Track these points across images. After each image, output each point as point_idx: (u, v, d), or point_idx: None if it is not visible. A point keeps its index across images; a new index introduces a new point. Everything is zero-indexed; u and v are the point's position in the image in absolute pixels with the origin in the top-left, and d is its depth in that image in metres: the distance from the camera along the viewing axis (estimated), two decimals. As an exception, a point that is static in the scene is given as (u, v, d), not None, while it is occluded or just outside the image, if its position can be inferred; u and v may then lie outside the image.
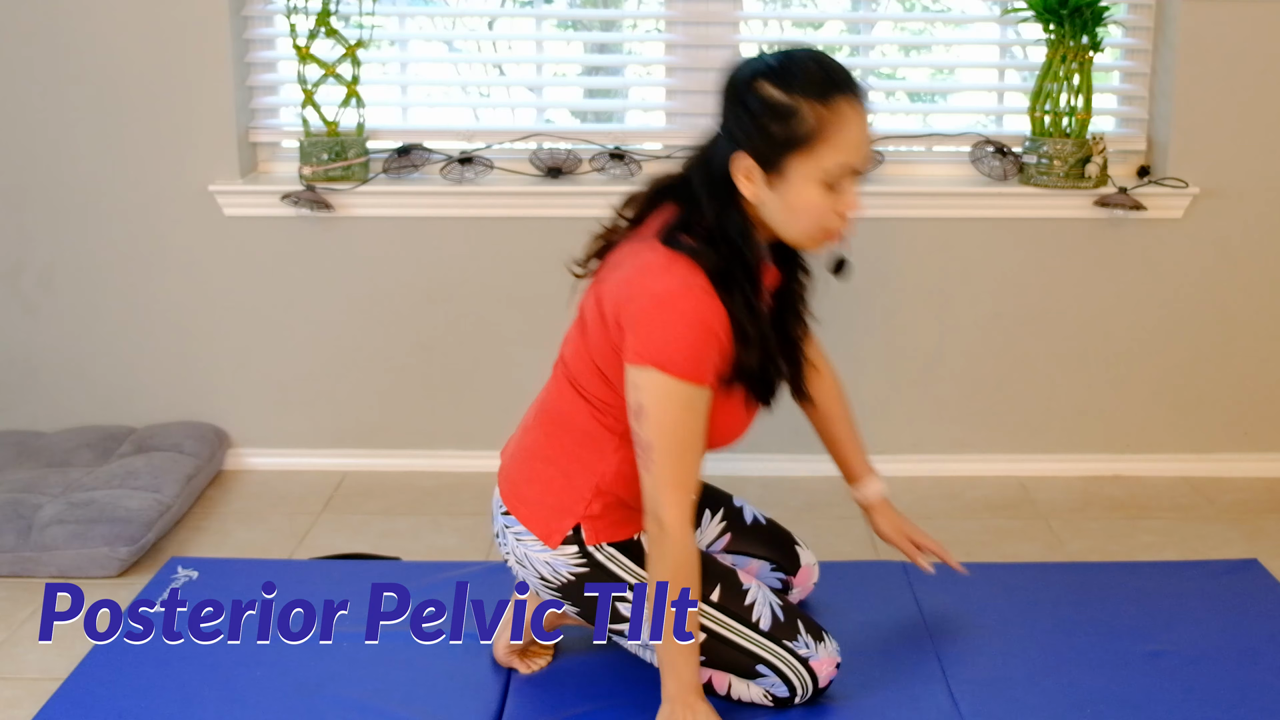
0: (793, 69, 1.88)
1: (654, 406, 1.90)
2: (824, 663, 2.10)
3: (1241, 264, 3.27)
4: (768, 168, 1.90)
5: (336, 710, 2.14)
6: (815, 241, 1.98)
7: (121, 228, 3.29)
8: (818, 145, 1.87)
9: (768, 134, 1.88)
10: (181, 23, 3.17)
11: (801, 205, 1.91)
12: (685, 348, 1.89)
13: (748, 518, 2.36)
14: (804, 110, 1.86)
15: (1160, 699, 2.14)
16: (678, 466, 1.93)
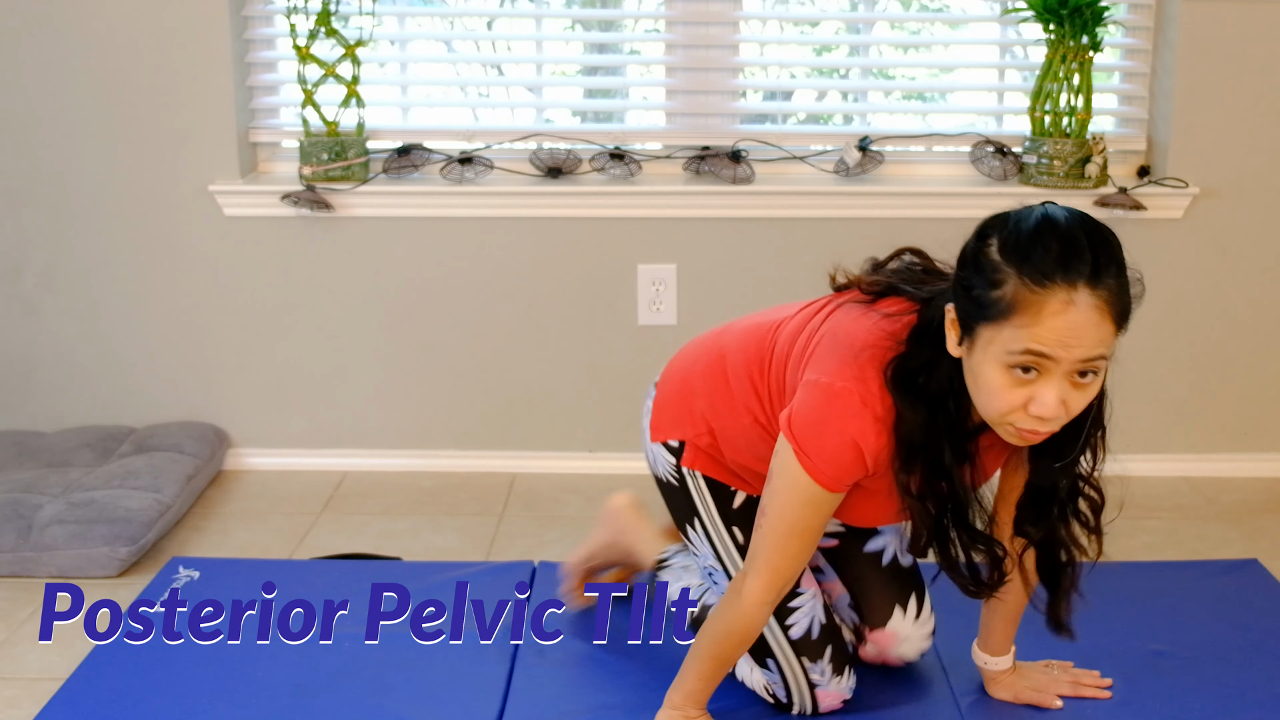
0: (1026, 234, 1.69)
1: (781, 484, 1.86)
2: (829, 695, 2.08)
3: (1241, 264, 3.27)
4: (964, 329, 1.74)
5: (336, 710, 2.14)
6: (1009, 435, 1.76)
7: (121, 228, 3.29)
8: (1007, 321, 1.66)
9: (971, 293, 1.72)
10: (181, 23, 3.17)
11: (983, 384, 1.71)
12: (829, 456, 1.81)
13: (870, 545, 2.20)
14: (1009, 280, 1.67)
15: (1160, 699, 2.14)
16: (778, 548, 1.88)
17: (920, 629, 2.20)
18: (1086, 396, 1.73)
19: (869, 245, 3.27)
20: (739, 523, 2.09)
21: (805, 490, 1.84)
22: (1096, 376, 1.74)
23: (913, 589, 2.21)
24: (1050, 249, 1.67)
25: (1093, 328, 1.68)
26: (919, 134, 3.41)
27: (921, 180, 3.33)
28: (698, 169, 3.27)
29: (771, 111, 3.51)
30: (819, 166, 3.32)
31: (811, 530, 1.89)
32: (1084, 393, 1.72)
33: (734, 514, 2.09)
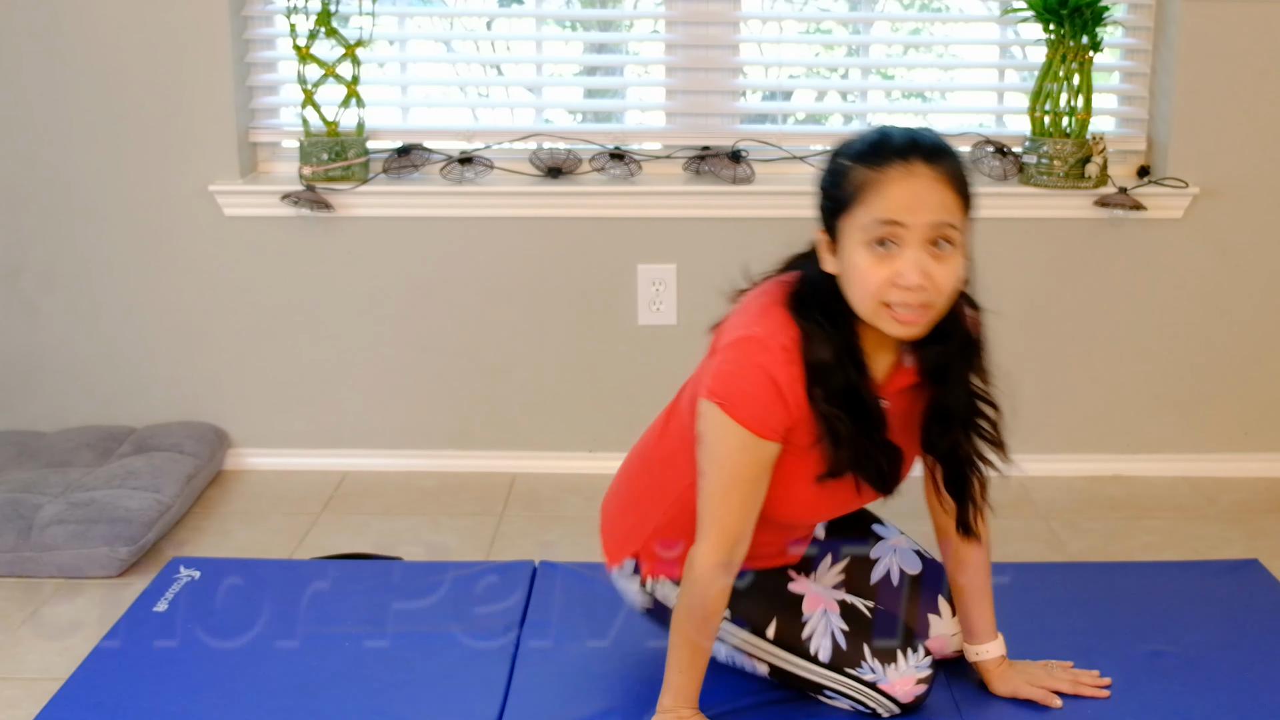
0: (862, 139, 1.85)
1: (712, 436, 1.88)
2: (899, 683, 2.03)
3: (1241, 264, 3.27)
4: (831, 235, 1.87)
5: (336, 710, 2.13)
6: (886, 322, 1.84)
7: (121, 228, 3.29)
8: (859, 204, 1.81)
9: (826, 200, 1.87)
10: (181, 23, 3.17)
11: (852, 271, 1.83)
12: (749, 397, 1.85)
13: (875, 575, 2.21)
14: (853, 172, 1.82)
15: (1160, 699, 2.14)
16: (723, 504, 1.89)
17: (955, 625, 2.21)
18: (948, 270, 1.82)
19: (869, 245, 3.28)
20: (743, 611, 2.05)
21: (733, 438, 1.85)
22: (953, 248, 1.83)
23: (935, 590, 2.21)
24: (888, 140, 1.83)
25: (935, 194, 1.80)
26: (919, 134, 3.40)
27: (921, 180, 3.33)
28: (698, 169, 3.27)
29: (771, 111, 3.51)
30: (819, 167, 3.31)
31: (748, 481, 1.88)
32: (944, 265, 1.82)
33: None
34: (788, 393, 1.86)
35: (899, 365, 1.97)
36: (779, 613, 2.04)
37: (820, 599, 2.07)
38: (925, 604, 2.20)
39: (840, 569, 2.23)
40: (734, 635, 2.06)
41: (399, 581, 2.57)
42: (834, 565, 2.23)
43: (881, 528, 2.27)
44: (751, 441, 1.86)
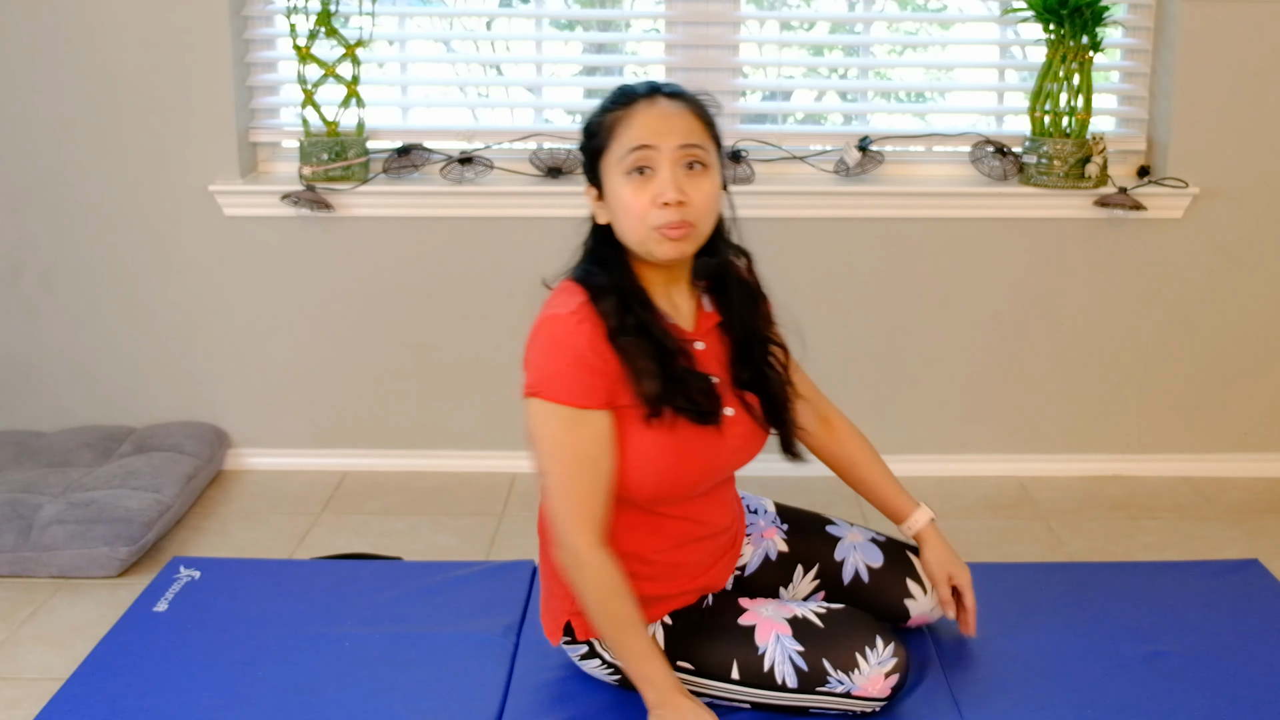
0: (607, 96, 1.99)
1: (540, 431, 1.93)
2: (869, 685, 2.01)
3: (1241, 264, 3.27)
4: (596, 185, 1.98)
5: (336, 710, 2.13)
6: (656, 244, 1.93)
7: (122, 228, 3.29)
8: (612, 141, 1.94)
9: (585, 153, 2.00)
10: (181, 23, 3.17)
11: (618, 205, 1.94)
12: (556, 372, 1.91)
13: (846, 575, 2.22)
14: (605, 119, 1.96)
15: (1160, 699, 2.14)
16: (573, 491, 1.92)
17: (930, 601, 2.24)
18: (703, 188, 1.93)
19: (869, 245, 3.29)
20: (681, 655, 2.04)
21: (558, 418, 1.90)
22: (705, 169, 1.94)
23: (904, 573, 2.23)
24: (631, 87, 1.98)
25: (679, 119, 1.94)
26: (919, 134, 3.41)
27: (921, 180, 3.33)
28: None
29: (771, 111, 3.51)
30: (819, 166, 3.32)
31: (591, 460, 1.91)
32: (699, 183, 1.93)
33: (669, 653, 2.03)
34: (592, 352, 1.91)
35: (700, 308, 2.05)
36: (736, 652, 2.03)
37: (771, 624, 2.04)
38: (897, 591, 2.22)
39: (813, 577, 2.24)
40: (704, 687, 2.05)
41: (399, 581, 2.57)
42: (806, 575, 2.24)
43: (834, 527, 2.29)
44: (576, 417, 1.90)
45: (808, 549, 2.25)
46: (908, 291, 3.30)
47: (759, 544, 2.25)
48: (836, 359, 3.32)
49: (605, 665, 2.10)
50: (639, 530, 2.01)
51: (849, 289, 3.31)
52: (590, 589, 1.93)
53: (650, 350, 1.94)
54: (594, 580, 1.93)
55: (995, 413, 3.35)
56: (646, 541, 2.02)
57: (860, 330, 3.32)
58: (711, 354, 2.04)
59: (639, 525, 2.01)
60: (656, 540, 2.03)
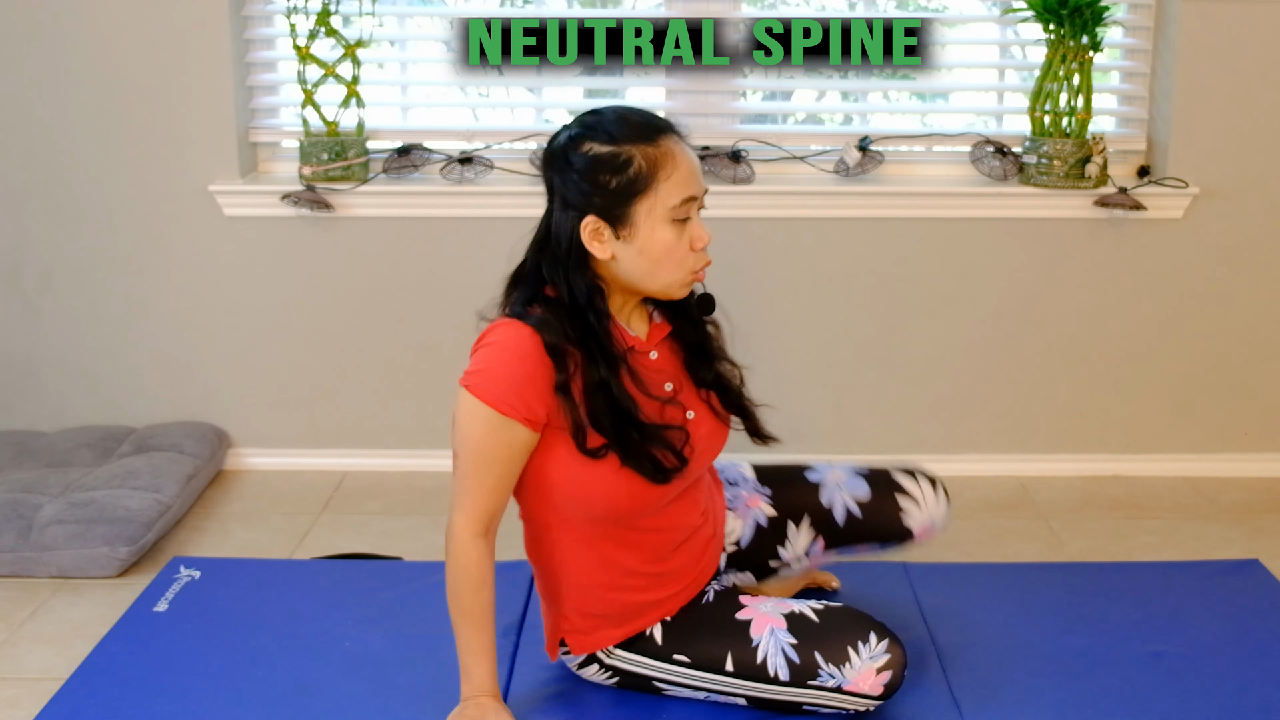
0: (608, 123, 1.93)
1: (461, 419, 1.94)
2: (860, 680, 2.00)
3: (1241, 264, 3.27)
4: (615, 222, 1.91)
5: (336, 710, 2.13)
6: (684, 285, 1.98)
7: (121, 228, 3.29)
8: (657, 184, 1.90)
9: (607, 189, 1.90)
10: (181, 23, 3.17)
11: (658, 250, 1.92)
12: (495, 376, 1.91)
13: (839, 517, 2.24)
14: (635, 155, 1.90)
15: (1160, 699, 2.14)
16: (470, 482, 1.94)
17: (927, 513, 2.25)
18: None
19: (869, 245, 3.29)
20: (677, 649, 2.06)
21: (481, 416, 1.91)
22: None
23: (893, 495, 2.24)
24: (639, 116, 1.94)
25: (698, 164, 1.97)
26: (919, 134, 3.41)
27: (921, 180, 3.33)
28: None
29: (771, 111, 3.51)
30: (819, 166, 3.32)
31: (501, 461, 1.93)
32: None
33: (666, 647, 2.06)
34: (537, 371, 1.91)
35: (652, 321, 2.07)
36: (731, 644, 2.04)
37: (767, 619, 2.05)
38: (891, 514, 2.24)
39: (807, 528, 2.25)
40: (700, 679, 2.06)
41: (399, 581, 2.57)
42: (799, 529, 2.26)
43: (814, 473, 2.30)
44: (500, 422, 1.90)
45: (793, 504, 2.27)
46: (908, 291, 3.30)
47: (746, 515, 2.27)
48: (836, 359, 3.32)
49: (604, 669, 2.10)
50: (621, 547, 2.03)
51: (849, 289, 3.31)
52: (456, 571, 1.96)
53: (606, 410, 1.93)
54: (462, 565, 1.96)
55: (995, 413, 3.35)
56: (630, 557, 2.04)
57: (860, 330, 3.32)
58: (665, 361, 2.07)
59: (620, 541, 2.03)
60: (639, 555, 2.04)
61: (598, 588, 2.05)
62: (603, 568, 2.04)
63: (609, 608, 2.06)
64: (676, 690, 2.09)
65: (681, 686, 2.08)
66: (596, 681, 2.14)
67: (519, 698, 2.15)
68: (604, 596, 2.05)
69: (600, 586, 2.05)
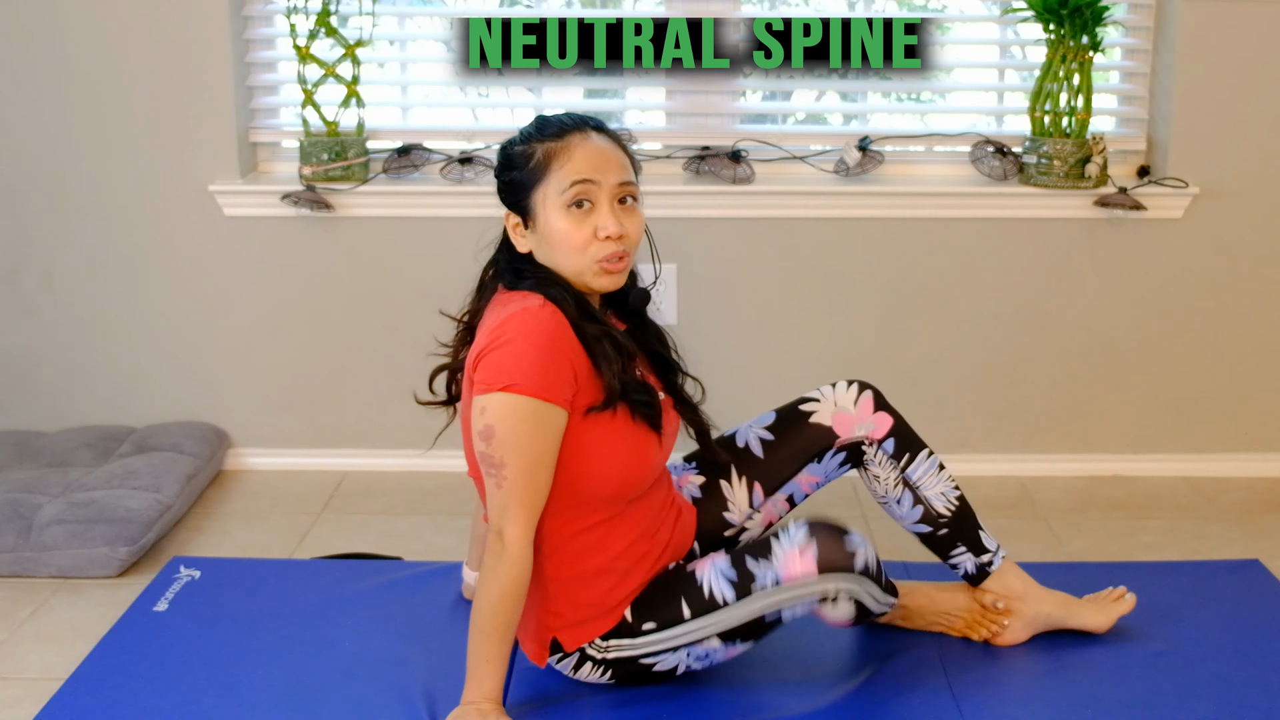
0: (530, 125, 2.06)
1: (503, 424, 1.93)
2: (790, 563, 2.01)
3: (1241, 264, 3.27)
4: (524, 215, 2.03)
5: (336, 710, 2.14)
6: (595, 274, 2.02)
7: (122, 228, 3.29)
8: (549, 173, 1.99)
9: (512, 183, 2.03)
10: (181, 23, 3.17)
11: (557, 237, 2.00)
12: (530, 365, 1.92)
13: (756, 450, 2.28)
14: (536, 150, 2.02)
15: (1160, 699, 2.14)
16: (529, 485, 1.94)
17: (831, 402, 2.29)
18: (637, 222, 2.04)
19: (869, 245, 3.29)
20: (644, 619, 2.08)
21: (525, 412, 1.92)
22: (635, 204, 2.05)
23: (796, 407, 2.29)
24: (557, 118, 2.05)
25: (614, 156, 2.02)
26: (919, 134, 3.41)
27: (921, 180, 3.33)
28: (698, 169, 3.27)
29: (771, 111, 3.51)
30: (819, 166, 3.32)
31: (548, 453, 1.95)
32: (633, 218, 2.03)
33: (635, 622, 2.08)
34: (564, 340, 1.95)
35: (610, 320, 2.11)
36: (683, 593, 2.07)
37: (709, 559, 2.10)
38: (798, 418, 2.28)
39: (738, 480, 2.28)
40: (671, 639, 2.07)
41: (399, 581, 2.58)
42: (731, 484, 2.29)
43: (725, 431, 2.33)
44: (544, 411, 1.93)
45: (716, 464, 2.29)
46: (908, 291, 3.30)
47: (686, 493, 2.30)
48: (836, 359, 3.32)
49: (598, 666, 2.11)
50: (614, 527, 2.06)
51: (849, 289, 3.31)
52: (504, 581, 1.95)
53: (612, 348, 2.01)
54: (514, 578, 1.95)
55: (995, 413, 3.35)
56: (619, 538, 2.07)
57: (860, 330, 3.32)
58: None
59: (613, 521, 2.06)
60: (629, 533, 2.08)
61: (591, 573, 2.06)
62: (597, 551, 2.06)
63: (600, 594, 2.07)
64: (663, 661, 2.10)
65: (663, 655, 2.09)
66: (595, 682, 2.14)
67: (518, 701, 2.15)
68: (595, 583, 2.07)
69: (593, 572, 2.06)
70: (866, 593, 2.06)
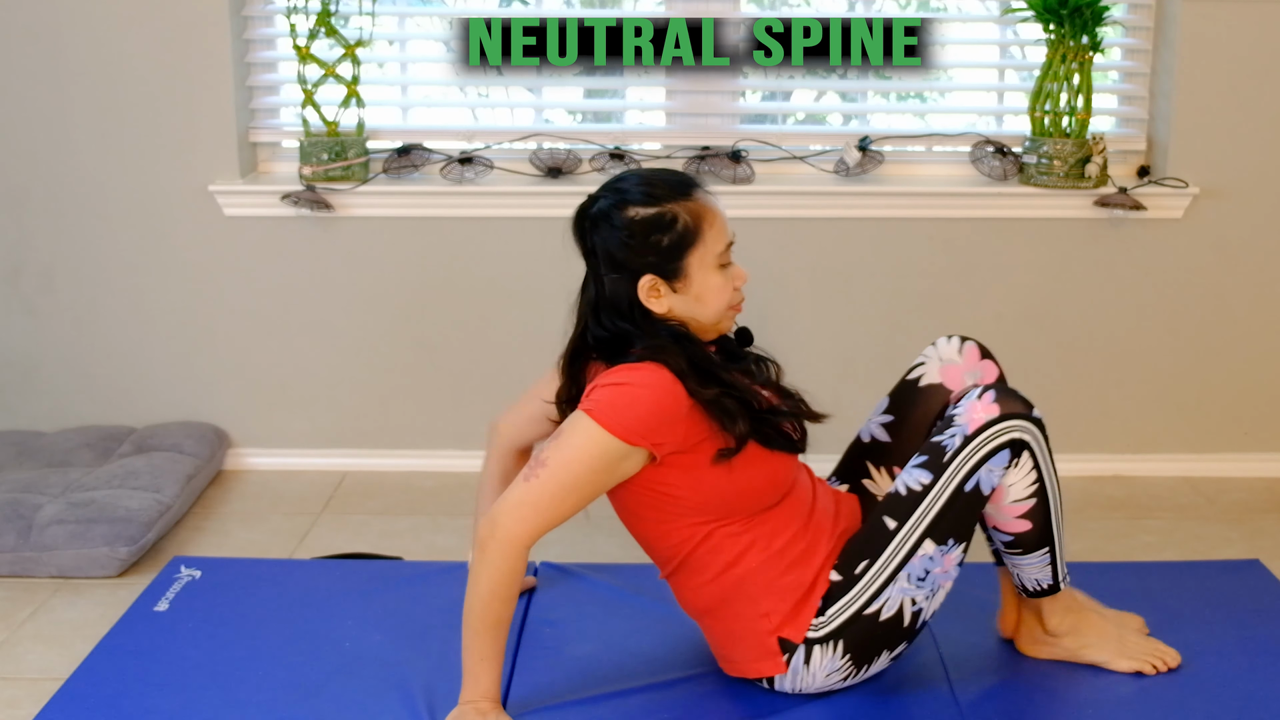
0: (640, 187, 2.04)
1: (570, 438, 1.96)
2: (973, 412, 2.06)
3: (1241, 264, 3.27)
4: (671, 276, 2.03)
5: (336, 710, 2.13)
6: (729, 319, 2.11)
7: (121, 228, 3.29)
8: (703, 235, 2.03)
9: (659, 247, 2.02)
10: (181, 23, 3.17)
11: (710, 293, 2.05)
12: (632, 403, 1.95)
13: (881, 436, 2.32)
14: (679, 213, 2.02)
15: (1160, 699, 2.14)
16: (553, 496, 1.95)
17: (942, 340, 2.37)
18: None
19: (869, 245, 3.29)
20: (853, 567, 2.08)
21: (597, 441, 1.94)
22: None
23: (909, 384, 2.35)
24: (667, 175, 2.08)
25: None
26: (919, 134, 3.41)
27: (921, 180, 3.34)
28: (698, 169, 3.27)
29: (771, 111, 3.51)
30: (819, 166, 3.32)
31: (589, 484, 1.96)
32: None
33: (846, 579, 2.08)
34: (673, 400, 1.96)
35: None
36: (884, 512, 2.08)
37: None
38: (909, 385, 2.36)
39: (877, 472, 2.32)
40: (887, 565, 2.06)
41: (399, 581, 2.57)
42: (876, 477, 2.31)
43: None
44: (613, 448, 1.95)
45: (851, 469, 2.34)
46: (908, 291, 3.30)
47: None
48: (836, 359, 3.32)
49: (828, 644, 2.07)
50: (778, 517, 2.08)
51: (849, 289, 3.31)
52: (498, 577, 1.95)
53: (732, 402, 2.02)
54: (506, 572, 1.95)
55: (995, 413, 3.35)
56: (788, 524, 2.08)
57: (860, 330, 3.32)
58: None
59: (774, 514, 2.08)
60: (792, 517, 2.09)
61: (777, 558, 2.06)
62: (776, 536, 2.07)
63: (800, 575, 2.07)
64: (888, 602, 2.06)
65: (886, 591, 2.06)
66: (831, 671, 2.08)
67: (519, 700, 2.15)
68: (786, 564, 2.06)
69: (778, 555, 2.06)
70: (1042, 455, 2.10)
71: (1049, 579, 2.19)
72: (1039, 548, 2.16)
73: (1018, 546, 2.16)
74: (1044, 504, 2.15)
